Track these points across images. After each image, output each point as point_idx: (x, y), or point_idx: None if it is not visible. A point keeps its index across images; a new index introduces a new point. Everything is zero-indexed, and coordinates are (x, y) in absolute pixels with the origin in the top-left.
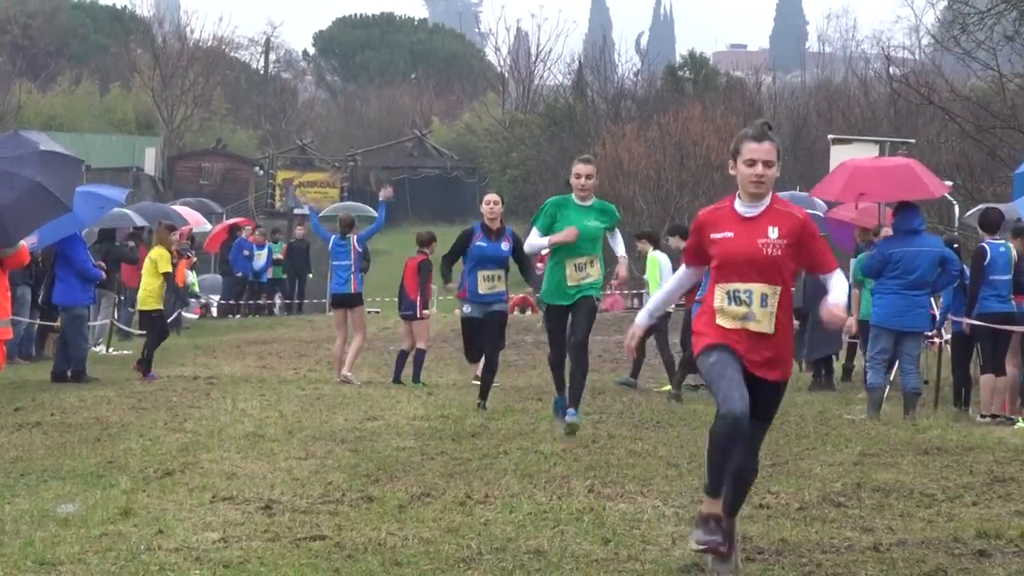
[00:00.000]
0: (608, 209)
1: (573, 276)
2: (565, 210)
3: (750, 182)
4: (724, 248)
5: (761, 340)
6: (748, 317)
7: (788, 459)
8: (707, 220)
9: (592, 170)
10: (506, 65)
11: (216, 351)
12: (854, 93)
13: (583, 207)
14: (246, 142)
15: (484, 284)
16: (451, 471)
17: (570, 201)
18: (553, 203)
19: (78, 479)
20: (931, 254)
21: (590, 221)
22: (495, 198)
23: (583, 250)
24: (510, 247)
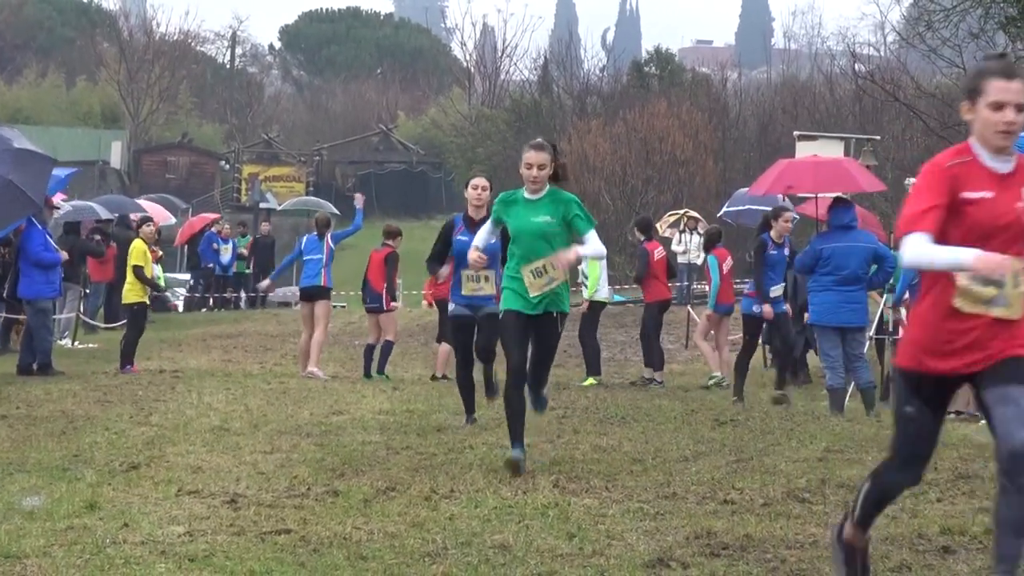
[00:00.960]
0: (562, 199)
1: (534, 285)
2: (512, 208)
3: (998, 132)
4: (981, 212)
5: (1002, 328)
6: (996, 302)
7: (753, 455)
8: (958, 173)
9: (544, 159)
10: (472, 60)
11: (182, 345)
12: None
13: (532, 201)
14: (212, 136)
15: (468, 285)
16: (416, 465)
17: (518, 196)
18: (500, 201)
19: (43, 472)
20: (864, 250)
21: (539, 217)
22: (483, 182)
23: (536, 252)
24: (498, 240)
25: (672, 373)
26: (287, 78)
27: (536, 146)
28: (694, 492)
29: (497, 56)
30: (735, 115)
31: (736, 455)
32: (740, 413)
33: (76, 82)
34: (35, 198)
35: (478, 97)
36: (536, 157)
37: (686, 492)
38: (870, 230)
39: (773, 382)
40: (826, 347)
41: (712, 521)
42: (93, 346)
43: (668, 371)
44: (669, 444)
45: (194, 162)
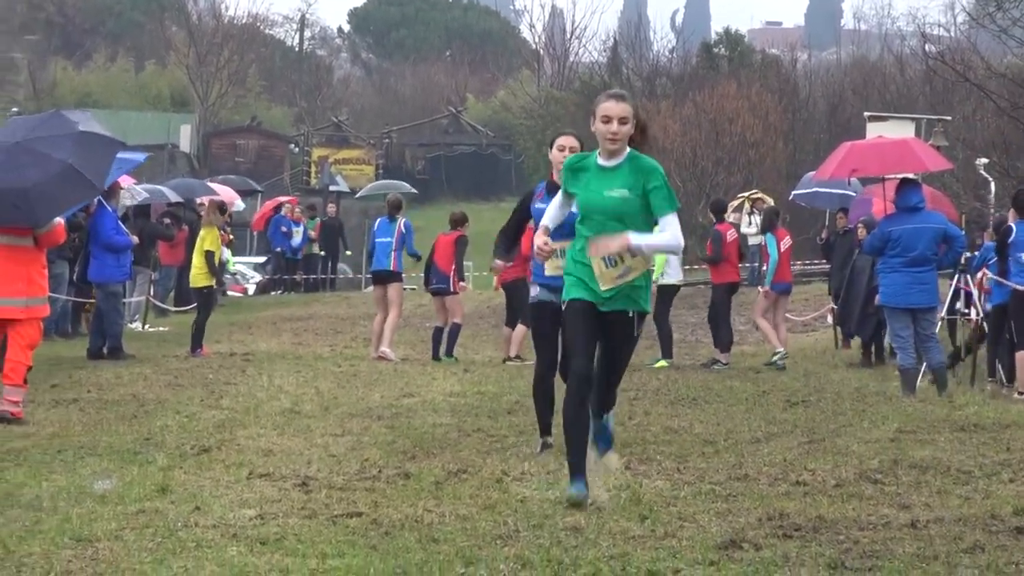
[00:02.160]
0: (644, 167)
1: (605, 276)
2: (581, 176)
3: None
4: None
5: None
6: None
7: (825, 436)
8: None
9: (626, 111)
10: (541, 42)
11: (252, 328)
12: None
13: (606, 169)
14: (281, 119)
15: (552, 262)
16: (488, 448)
17: (590, 162)
18: (567, 167)
19: (115, 456)
20: (932, 231)
21: (614, 190)
22: (571, 142)
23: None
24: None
25: (743, 354)
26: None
27: (616, 95)
28: (766, 473)
29: (566, 38)
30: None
31: (808, 436)
32: (812, 394)
33: (145, 66)
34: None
35: (547, 79)
36: (616, 108)
37: (758, 473)
38: (942, 209)
39: None
40: (897, 328)
41: (784, 502)
42: (163, 329)
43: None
44: (741, 425)
45: (263, 145)
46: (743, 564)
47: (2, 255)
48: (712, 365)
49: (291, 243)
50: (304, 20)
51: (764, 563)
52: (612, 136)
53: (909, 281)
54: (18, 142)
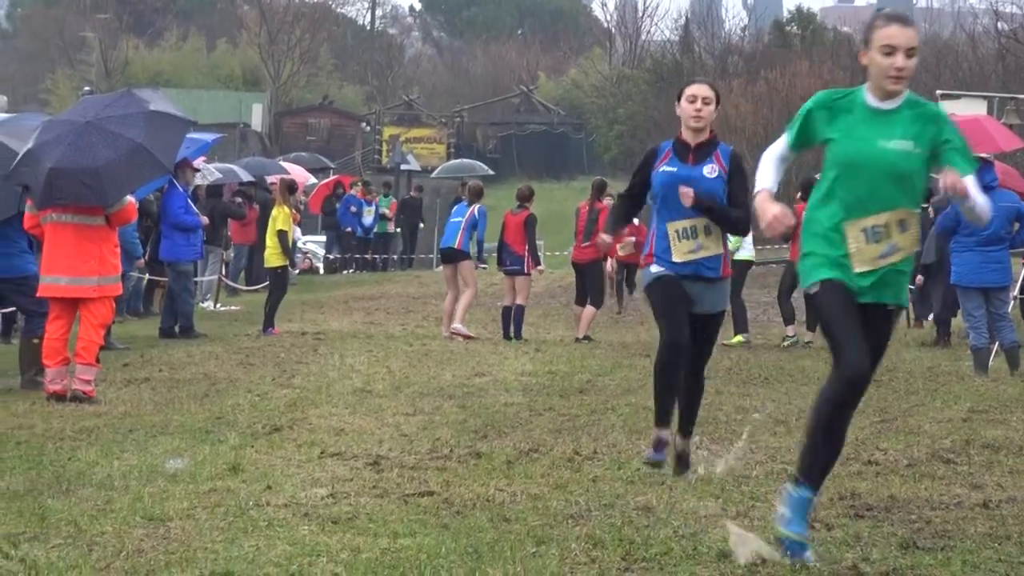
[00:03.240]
0: (932, 115)
1: (863, 254)
2: (843, 118)
3: None
4: None
5: None
6: None
7: (897, 416)
8: None
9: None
10: (613, 20)
11: (324, 307)
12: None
13: (882, 112)
14: (353, 98)
15: (681, 245)
16: (559, 427)
17: (857, 99)
18: (823, 101)
19: (186, 435)
20: (1006, 209)
21: (893, 141)
22: (705, 91)
23: (886, 200)
24: (723, 175)
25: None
26: (427, 39)
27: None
28: None
29: (638, 16)
30: None
31: (880, 416)
32: (884, 374)
33: (217, 45)
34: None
35: (619, 58)
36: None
37: None
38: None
39: None
40: (970, 307)
41: (856, 482)
42: (235, 308)
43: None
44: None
45: (335, 124)
46: (815, 544)
47: (74, 234)
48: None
49: (362, 222)
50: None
51: (836, 543)
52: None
53: (982, 260)
54: (89, 121)
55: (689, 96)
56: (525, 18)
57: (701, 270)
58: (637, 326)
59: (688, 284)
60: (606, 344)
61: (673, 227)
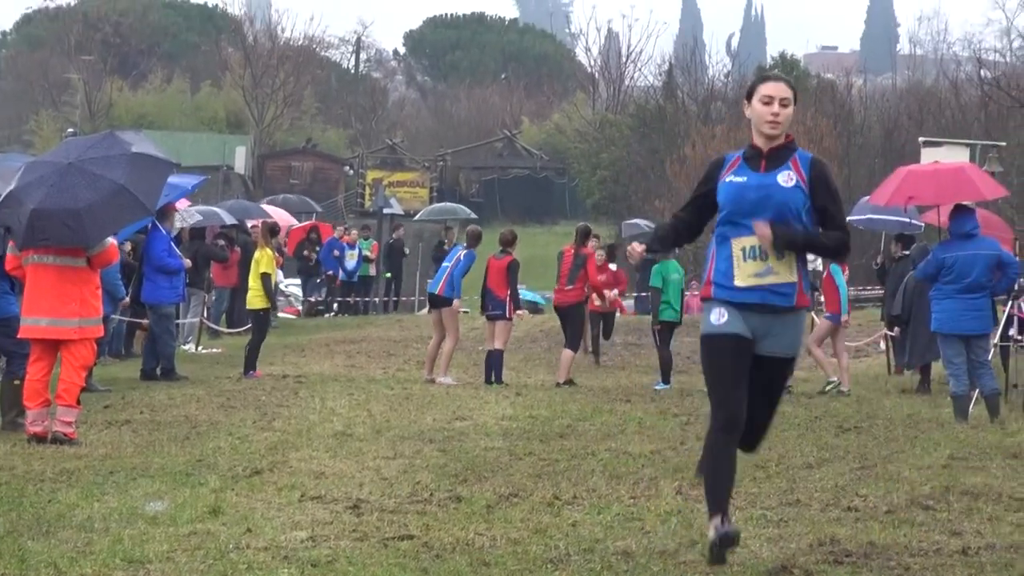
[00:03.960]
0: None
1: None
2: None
3: None
4: None
5: None
6: None
7: (876, 462)
8: None
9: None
10: (596, 66)
11: (305, 350)
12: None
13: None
14: (336, 141)
15: (745, 268)
16: (539, 472)
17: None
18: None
19: (167, 477)
20: (986, 257)
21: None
22: (784, 92)
23: None
24: (802, 185)
25: (795, 379)
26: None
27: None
28: (817, 499)
29: (622, 61)
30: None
31: (860, 462)
32: (864, 420)
33: (201, 87)
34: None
35: (602, 103)
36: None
37: (809, 499)
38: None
39: None
40: (950, 354)
41: (836, 528)
42: (217, 351)
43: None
44: (793, 451)
45: (318, 167)
46: None
47: (56, 276)
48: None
49: (344, 265)
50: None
51: None
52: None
53: (963, 308)
54: (71, 163)
55: (764, 96)
56: (509, 63)
57: (770, 298)
58: (617, 371)
59: (752, 317)
60: (586, 389)
61: (739, 244)
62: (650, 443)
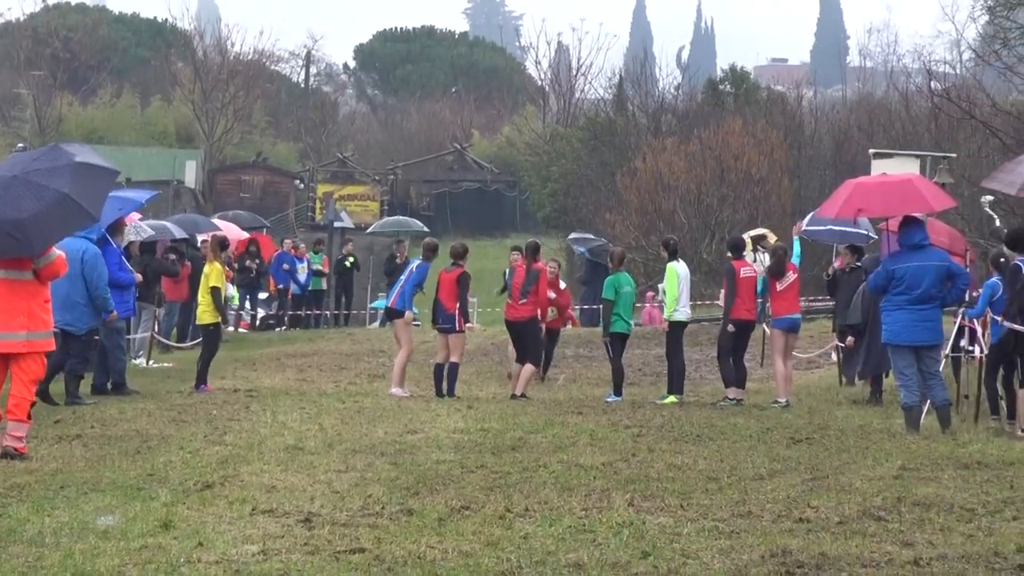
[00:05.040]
0: None
1: None
2: None
3: None
4: None
5: None
6: None
7: (828, 473)
8: None
9: None
10: (547, 79)
11: (256, 364)
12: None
13: None
14: (286, 155)
15: None
16: (491, 484)
17: None
18: None
19: (118, 491)
20: (937, 268)
21: None
22: None
23: None
24: None
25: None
26: (362, 97)
27: None
28: (769, 510)
29: (572, 74)
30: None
31: (811, 473)
32: (815, 431)
33: (150, 102)
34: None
35: (552, 115)
36: None
37: (761, 510)
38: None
39: None
40: (901, 366)
41: (787, 539)
42: (168, 365)
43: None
44: (744, 462)
45: (268, 181)
46: None
47: (4, 289)
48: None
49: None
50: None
51: None
52: None
53: (913, 319)
54: (16, 175)
55: None
56: (459, 76)
57: None
58: (569, 384)
59: None
60: (538, 402)
61: None
62: (602, 455)
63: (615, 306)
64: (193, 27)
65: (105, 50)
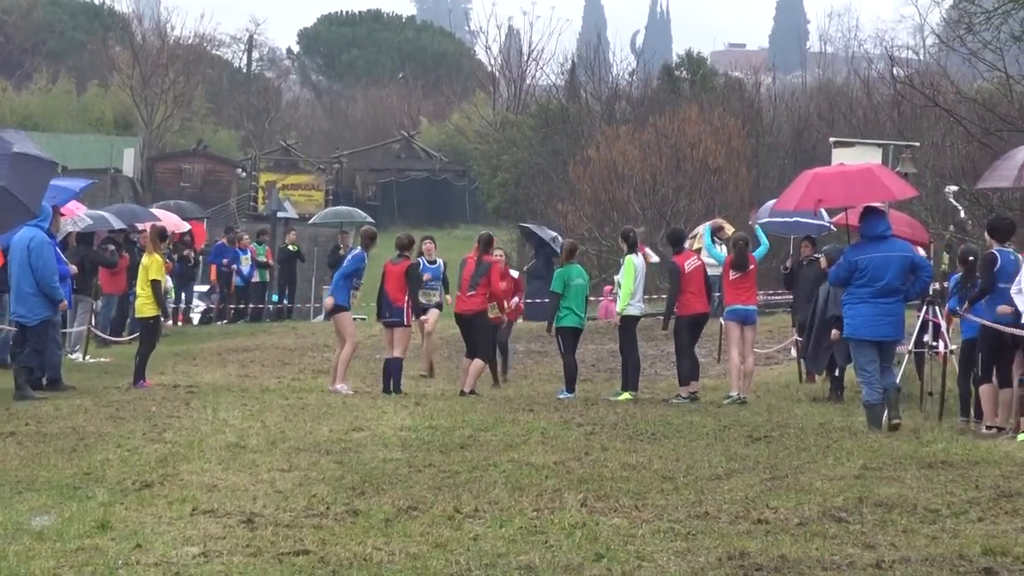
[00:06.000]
0: None
1: None
2: None
3: None
4: None
5: None
6: None
7: (788, 473)
8: None
9: None
10: (497, 64)
11: (196, 359)
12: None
13: None
14: (228, 143)
15: None
16: (439, 484)
17: None
18: None
19: (53, 491)
20: (901, 259)
21: None
22: None
23: None
24: None
25: (703, 388)
26: (306, 83)
27: None
28: (727, 511)
29: (523, 60)
30: (769, 121)
31: (770, 473)
32: (774, 429)
33: (87, 87)
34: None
35: (503, 102)
36: None
37: (718, 511)
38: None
39: None
40: (862, 362)
41: (746, 541)
42: (105, 360)
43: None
44: (701, 461)
45: (209, 170)
46: None
47: None
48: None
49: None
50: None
51: None
52: None
53: (877, 313)
54: None
55: None
56: (406, 61)
57: None
58: (520, 379)
59: None
60: (488, 398)
61: None
62: (554, 454)
63: (565, 299)
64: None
65: (40, 33)
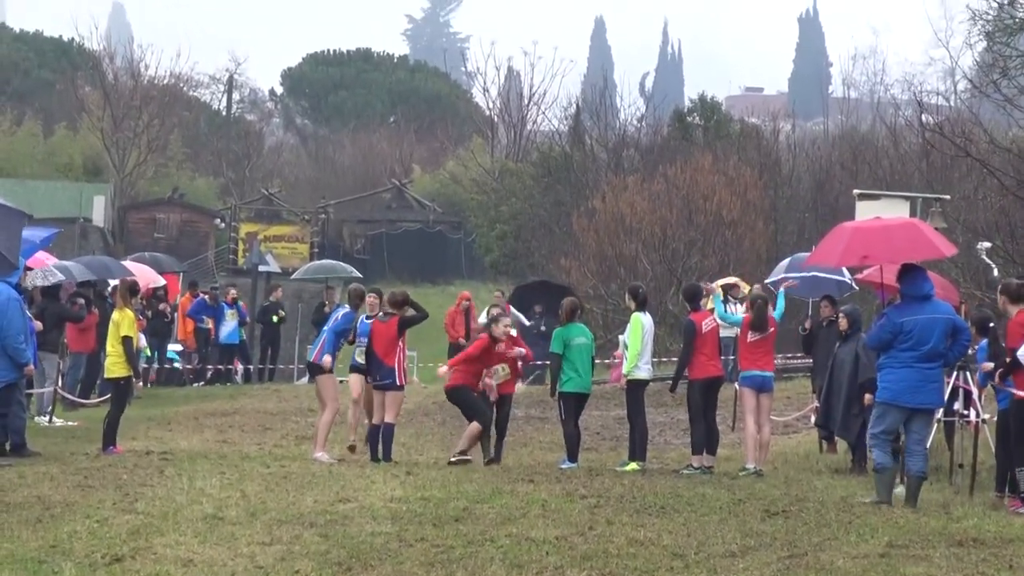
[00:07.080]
0: None
1: None
2: None
3: None
4: None
5: None
6: None
7: (807, 550)
8: None
9: None
10: (495, 108)
11: (171, 423)
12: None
13: None
14: (206, 191)
15: None
16: (432, 560)
17: None
18: None
19: (17, 565)
20: (945, 322)
21: None
22: None
23: None
24: None
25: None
26: (290, 127)
27: None
28: None
29: (523, 104)
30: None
31: (788, 550)
32: (793, 503)
33: (55, 130)
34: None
35: (502, 149)
36: None
37: None
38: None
39: None
40: (883, 425)
41: None
42: (73, 424)
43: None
44: (714, 537)
45: (186, 220)
46: None
47: None
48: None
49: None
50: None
51: None
52: None
53: (920, 379)
54: None
55: None
56: (398, 104)
57: None
58: (519, 448)
59: None
60: (484, 467)
61: None
62: (555, 528)
63: (567, 360)
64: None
65: (4, 71)
